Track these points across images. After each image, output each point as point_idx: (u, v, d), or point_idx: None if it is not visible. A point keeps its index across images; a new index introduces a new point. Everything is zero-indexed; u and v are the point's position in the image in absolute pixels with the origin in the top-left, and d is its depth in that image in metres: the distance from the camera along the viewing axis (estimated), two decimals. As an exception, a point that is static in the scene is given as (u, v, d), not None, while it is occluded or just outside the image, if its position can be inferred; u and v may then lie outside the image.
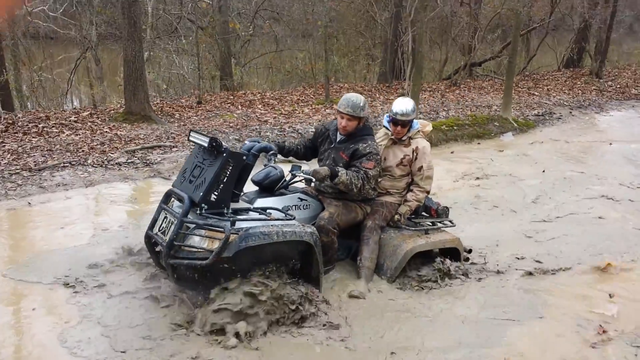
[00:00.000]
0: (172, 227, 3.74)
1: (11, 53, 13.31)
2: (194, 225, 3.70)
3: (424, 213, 4.95)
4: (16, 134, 9.03)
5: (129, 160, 7.87)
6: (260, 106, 12.49)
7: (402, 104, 4.63)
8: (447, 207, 5.00)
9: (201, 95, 12.88)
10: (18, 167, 7.32)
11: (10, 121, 9.67)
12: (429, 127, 4.96)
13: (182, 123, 10.55)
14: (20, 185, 6.74)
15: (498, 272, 4.93)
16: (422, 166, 4.71)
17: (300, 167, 4.46)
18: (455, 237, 4.79)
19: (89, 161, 7.69)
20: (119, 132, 9.36)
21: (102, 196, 6.65)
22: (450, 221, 4.96)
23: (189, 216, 3.73)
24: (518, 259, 5.26)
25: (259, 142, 4.31)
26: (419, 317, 4.15)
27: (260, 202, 4.15)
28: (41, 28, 16.73)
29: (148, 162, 7.85)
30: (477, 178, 8.04)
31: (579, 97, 15.29)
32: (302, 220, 4.23)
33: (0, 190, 6.53)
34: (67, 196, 6.53)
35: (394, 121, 4.66)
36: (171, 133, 9.46)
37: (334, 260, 4.46)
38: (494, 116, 11.89)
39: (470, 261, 5.06)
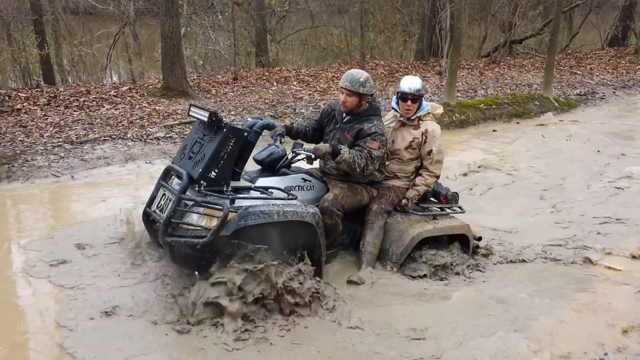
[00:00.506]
0: (170, 204, 3.62)
1: (52, 28, 13.56)
2: (192, 203, 3.58)
3: (432, 199, 4.78)
4: (58, 107, 9.24)
5: (167, 135, 7.98)
6: (295, 83, 12.47)
7: (411, 80, 4.47)
8: (456, 193, 4.79)
9: (237, 72, 12.92)
10: (60, 139, 7.50)
11: (52, 95, 9.89)
12: (439, 110, 4.76)
13: (218, 99, 10.62)
14: (63, 157, 6.91)
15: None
16: (431, 150, 4.49)
17: (302, 144, 4.26)
18: (465, 224, 4.59)
19: (128, 135, 7.82)
20: (157, 107, 9.48)
21: (141, 170, 6.77)
22: (460, 207, 4.76)
23: (187, 193, 3.61)
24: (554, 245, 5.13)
25: (261, 120, 4.15)
26: (432, 303, 3.92)
27: (262, 182, 3.99)
28: (80, 3, 17.02)
29: (185, 137, 7.94)
30: (536, 158, 7.87)
31: (623, 77, 14.80)
32: (305, 201, 4.07)
33: (44, 162, 6.71)
34: (108, 171, 6.67)
35: (403, 97, 4.46)
36: (208, 109, 9.52)
37: (337, 244, 4.29)
38: (534, 95, 11.62)
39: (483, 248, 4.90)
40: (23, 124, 8.14)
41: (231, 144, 3.65)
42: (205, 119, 3.66)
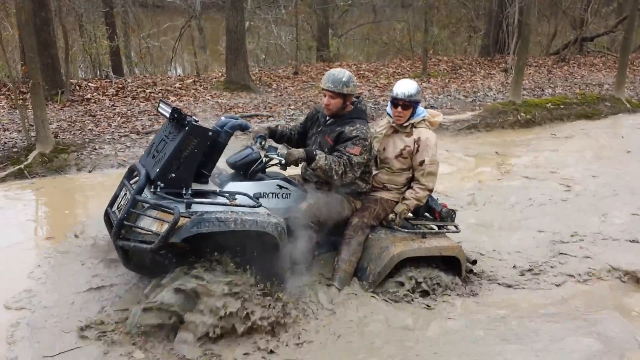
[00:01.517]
0: (125, 205, 3.37)
1: (121, 20, 14.02)
2: (147, 205, 3.31)
3: (427, 214, 4.39)
4: (125, 98, 9.56)
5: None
6: (355, 78, 12.39)
7: (404, 84, 4.03)
8: (453, 210, 4.35)
9: (298, 66, 12.98)
10: (127, 129, 7.75)
11: (121, 86, 10.23)
12: (439, 118, 4.32)
13: (279, 93, 10.70)
14: (129, 147, 7.14)
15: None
16: (423, 160, 4.04)
17: (277, 148, 3.83)
18: (456, 245, 4.18)
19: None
20: (219, 100, 9.65)
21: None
22: (456, 226, 4.34)
23: (145, 194, 3.36)
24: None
25: (236, 119, 3.80)
26: (391, 332, 3.60)
27: (232, 186, 3.65)
28: (149, -4, 17.51)
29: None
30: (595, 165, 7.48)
31: None
32: (279, 210, 3.75)
33: (110, 151, 6.95)
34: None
35: (394, 102, 4.04)
36: (268, 103, 9.62)
37: (309, 258, 3.88)
38: (605, 96, 11.11)
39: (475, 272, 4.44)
40: (92, 114, 8.46)
41: (193, 143, 3.35)
42: (168, 116, 3.39)
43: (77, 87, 9.88)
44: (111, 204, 3.71)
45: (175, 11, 16.40)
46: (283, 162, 3.71)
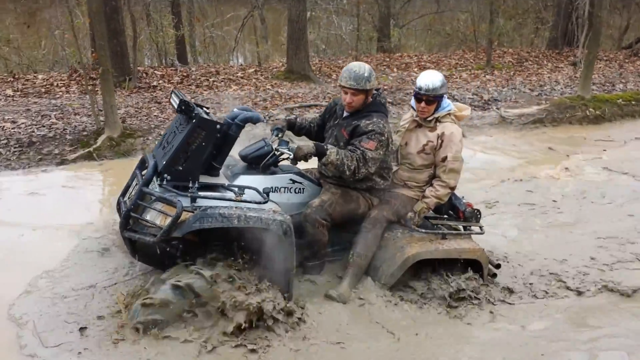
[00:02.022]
0: (134, 196, 3.35)
1: (187, 10, 14.35)
2: (154, 197, 3.26)
3: (451, 212, 4.15)
4: (190, 86, 9.79)
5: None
6: (416, 69, 12.23)
7: (428, 77, 3.80)
8: (477, 210, 4.10)
9: (358, 57, 12.91)
10: (190, 117, 7.94)
11: (185, 74, 10.49)
12: (466, 112, 4.03)
13: (338, 84, 10.68)
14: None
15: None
16: (446, 156, 3.82)
17: (288, 142, 3.66)
18: (478, 248, 3.93)
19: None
20: (279, 90, 9.74)
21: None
22: (480, 227, 4.09)
23: (153, 186, 3.32)
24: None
25: (249, 111, 3.69)
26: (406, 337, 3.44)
27: (243, 180, 3.55)
28: (214, -14, 17.82)
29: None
30: None
31: None
32: (292, 205, 3.68)
33: (174, 137, 7.14)
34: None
35: (417, 96, 3.83)
36: (327, 93, 9.63)
37: (321, 256, 3.77)
38: (683, 92, 10.52)
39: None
40: (158, 100, 8.71)
41: (201, 136, 3.27)
42: (176, 107, 3.32)
43: (144, 75, 10.19)
44: (123, 194, 3.67)
45: (239, 1, 16.65)
46: (291, 156, 3.57)
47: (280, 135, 3.75)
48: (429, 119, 3.88)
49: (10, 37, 12.56)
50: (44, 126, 7.28)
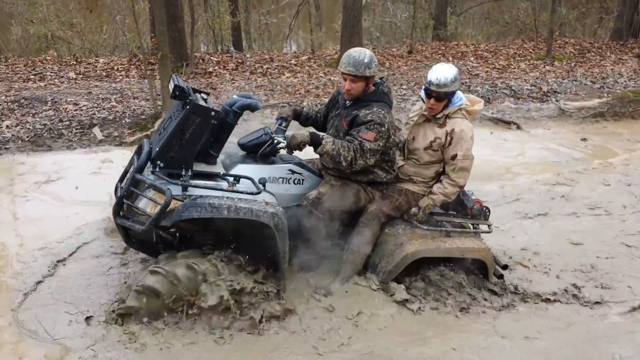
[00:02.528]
0: (127, 182, 3.28)
1: (244, -4, 14.51)
2: (146, 185, 3.20)
3: (459, 208, 3.99)
4: (244, 73, 9.93)
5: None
6: (472, 58, 11.98)
7: (440, 71, 3.55)
8: (486, 208, 3.91)
9: (413, 45, 12.75)
10: (244, 103, 8.06)
11: (240, 60, 10.63)
12: (478, 106, 3.80)
13: (391, 72, 10.60)
14: (246, 120, 7.40)
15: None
16: (456, 154, 3.63)
17: (285, 130, 3.59)
18: (483, 247, 3.76)
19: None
20: (332, 78, 9.74)
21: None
22: (489, 225, 3.92)
23: (146, 173, 3.24)
24: None
25: (249, 98, 3.55)
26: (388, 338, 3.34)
27: (240, 169, 3.47)
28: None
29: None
30: None
31: None
32: (290, 196, 3.59)
33: (228, 123, 7.27)
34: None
35: (427, 92, 3.60)
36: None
37: (317, 250, 3.66)
38: None
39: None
40: (213, 86, 8.87)
41: (195, 123, 3.19)
42: (171, 93, 3.20)
43: (200, 61, 10.39)
44: (121, 179, 3.60)
45: (294, -12, 16.69)
46: (284, 145, 3.47)
47: (283, 125, 3.66)
48: (438, 116, 3.70)
49: (74, 21, 13.05)
50: (104, 109, 7.55)
